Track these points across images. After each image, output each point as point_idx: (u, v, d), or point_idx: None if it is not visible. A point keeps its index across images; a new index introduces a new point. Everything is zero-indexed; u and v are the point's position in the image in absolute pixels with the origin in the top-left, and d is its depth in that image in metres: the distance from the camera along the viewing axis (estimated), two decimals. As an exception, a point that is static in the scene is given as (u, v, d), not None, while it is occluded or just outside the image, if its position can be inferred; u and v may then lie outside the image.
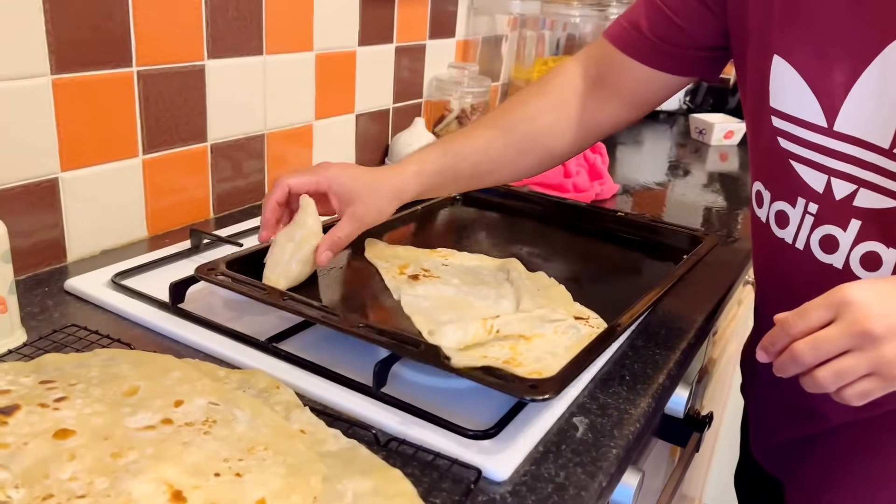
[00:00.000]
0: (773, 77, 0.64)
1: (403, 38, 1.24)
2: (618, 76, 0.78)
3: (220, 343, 0.66)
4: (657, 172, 1.40)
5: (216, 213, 0.98)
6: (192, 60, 0.88)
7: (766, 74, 0.64)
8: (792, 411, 0.75)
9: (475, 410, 0.59)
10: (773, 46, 0.63)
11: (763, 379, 0.80)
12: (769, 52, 0.64)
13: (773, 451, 0.82)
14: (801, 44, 0.61)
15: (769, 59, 0.64)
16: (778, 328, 0.53)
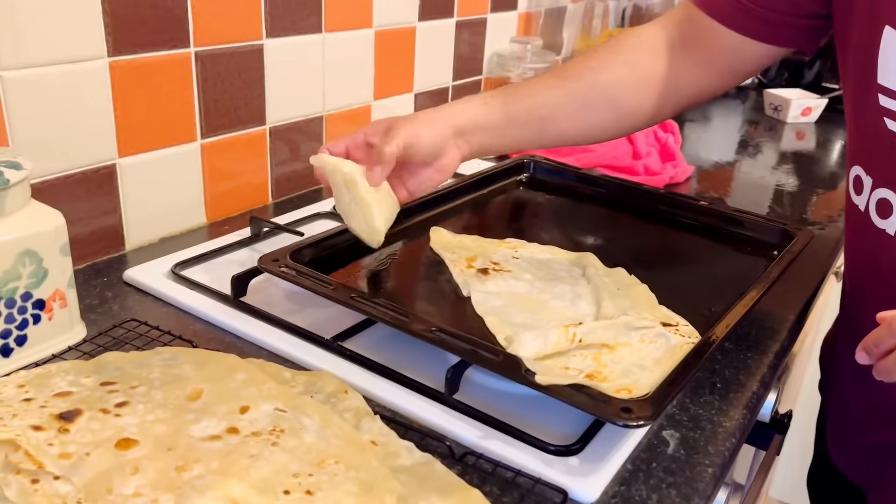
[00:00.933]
0: (882, 51, 0.56)
1: (464, 12, 1.19)
2: (704, 42, 0.70)
3: (284, 340, 0.63)
4: (728, 151, 1.32)
5: (275, 198, 0.95)
6: (250, 40, 0.85)
7: (875, 47, 0.57)
8: (879, 413, 0.68)
9: (555, 421, 0.55)
10: (884, 17, 0.56)
11: (847, 376, 0.73)
12: (880, 23, 0.56)
13: (854, 456, 0.75)
14: None
15: (879, 30, 0.56)
16: (885, 328, 0.48)
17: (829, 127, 1.49)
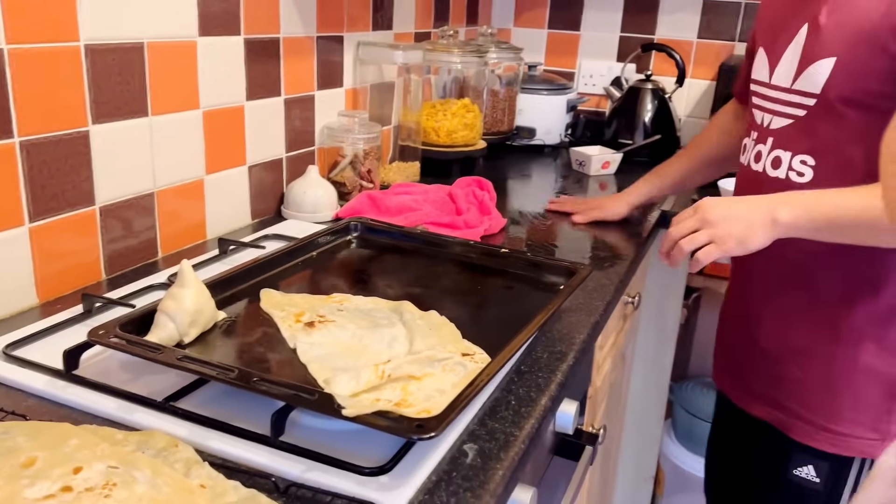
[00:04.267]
0: (755, 60, 1.05)
1: (292, 91, 1.29)
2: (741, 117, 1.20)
3: (118, 406, 0.67)
4: (544, 203, 1.49)
5: (108, 274, 0.98)
6: (75, 127, 0.89)
7: (753, 61, 1.07)
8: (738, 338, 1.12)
9: (372, 448, 0.63)
10: (758, 43, 1.05)
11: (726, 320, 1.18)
12: (757, 48, 1.05)
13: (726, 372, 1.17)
14: (765, 35, 1.03)
15: (756, 51, 1.05)
16: (666, 237, 0.97)
17: (626, 177, 1.72)
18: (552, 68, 2.14)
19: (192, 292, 0.75)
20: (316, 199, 1.26)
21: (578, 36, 2.10)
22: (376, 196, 1.31)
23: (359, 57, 1.47)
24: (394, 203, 1.30)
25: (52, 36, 0.85)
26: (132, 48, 0.96)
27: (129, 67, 0.95)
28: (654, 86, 1.87)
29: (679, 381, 1.93)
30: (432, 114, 1.64)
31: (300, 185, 1.26)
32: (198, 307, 0.75)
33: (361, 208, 1.28)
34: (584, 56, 2.11)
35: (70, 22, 0.87)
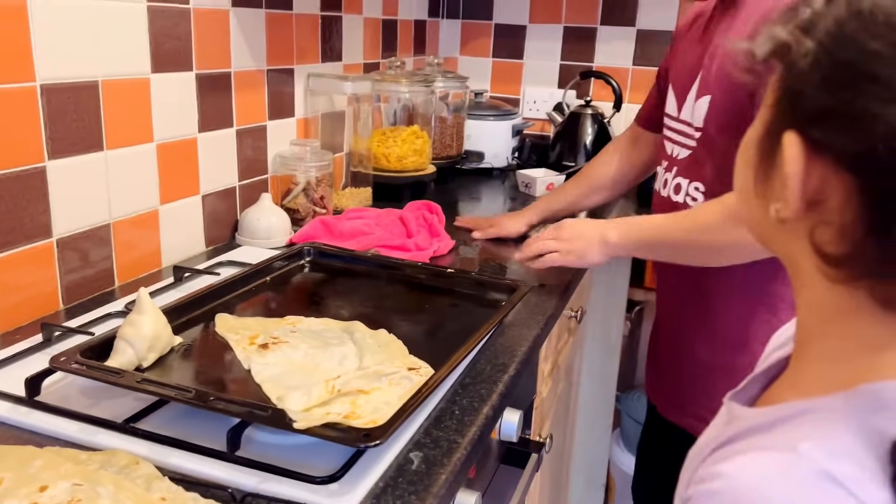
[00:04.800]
0: (668, 95, 1.15)
1: (243, 122, 1.33)
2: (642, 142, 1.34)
3: (80, 429, 0.71)
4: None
5: (66, 304, 1.01)
6: (32, 163, 0.93)
7: (658, 92, 1.24)
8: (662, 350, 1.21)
9: (324, 460, 0.68)
10: (670, 79, 1.16)
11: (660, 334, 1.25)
12: (668, 83, 1.16)
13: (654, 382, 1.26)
14: (674, 72, 1.14)
15: (668, 90, 1.15)
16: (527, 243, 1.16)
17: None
18: (498, 95, 2.23)
19: (150, 319, 0.79)
20: (270, 226, 1.30)
21: (522, 64, 2.19)
22: (329, 221, 1.36)
23: (309, 88, 1.52)
24: (346, 228, 1.35)
25: (8, 77, 0.88)
26: (87, 86, 0.99)
27: (84, 105, 0.99)
28: (593, 111, 1.96)
29: (626, 392, 2.01)
30: (383, 140, 1.70)
31: (254, 213, 1.31)
32: (155, 333, 0.79)
33: (315, 233, 1.33)
34: (528, 83, 2.20)
35: (26, 63, 0.90)
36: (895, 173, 0.38)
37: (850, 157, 0.40)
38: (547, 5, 2.13)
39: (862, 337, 0.42)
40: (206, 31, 1.20)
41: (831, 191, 0.41)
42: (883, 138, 0.37)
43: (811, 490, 0.38)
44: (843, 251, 0.41)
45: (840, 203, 0.40)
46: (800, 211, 0.42)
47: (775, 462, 0.40)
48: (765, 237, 0.50)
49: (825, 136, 0.40)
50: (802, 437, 0.40)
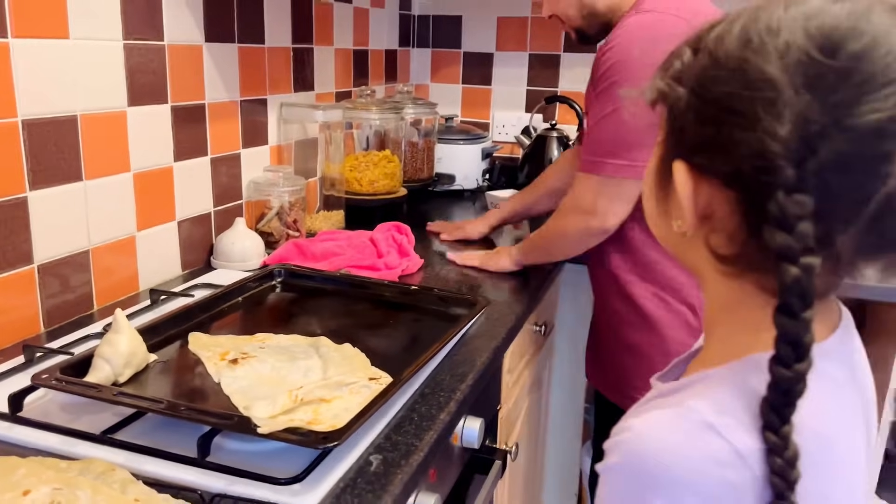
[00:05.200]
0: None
1: (218, 150, 1.39)
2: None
3: (61, 441, 0.76)
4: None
5: (47, 327, 1.06)
6: (14, 194, 0.98)
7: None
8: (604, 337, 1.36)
9: (288, 464, 0.73)
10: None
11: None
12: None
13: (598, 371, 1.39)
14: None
15: None
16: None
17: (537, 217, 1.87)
18: (468, 119, 2.31)
19: (126, 337, 0.84)
20: (244, 249, 1.36)
21: (490, 90, 2.28)
22: (302, 244, 1.42)
23: (282, 117, 1.59)
24: (319, 249, 1.41)
25: (-9, 113, 0.94)
26: (66, 120, 1.05)
27: (64, 138, 1.05)
28: (558, 133, 2.05)
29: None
30: (355, 165, 1.77)
31: (228, 237, 1.36)
32: (131, 350, 0.84)
33: (288, 255, 1.38)
34: (497, 108, 2.29)
35: (8, 100, 0.96)
36: (759, 186, 0.45)
37: (726, 176, 0.48)
38: (513, 34, 2.23)
39: (749, 320, 0.51)
40: (180, 65, 1.26)
41: (717, 205, 0.50)
42: (746, 159, 0.45)
43: (694, 436, 0.47)
44: (732, 252, 0.50)
45: (725, 214, 0.49)
46: (695, 224, 0.51)
47: (669, 415, 0.49)
48: (674, 249, 0.59)
49: (704, 161, 0.49)
50: (693, 396, 0.49)
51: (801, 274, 0.44)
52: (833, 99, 0.43)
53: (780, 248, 0.44)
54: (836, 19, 0.44)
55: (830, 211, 0.44)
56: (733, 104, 0.46)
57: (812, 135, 0.43)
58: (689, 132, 0.49)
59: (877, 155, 0.43)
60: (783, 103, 0.43)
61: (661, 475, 0.47)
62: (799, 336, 0.44)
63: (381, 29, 2.09)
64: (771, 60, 0.44)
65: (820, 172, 0.44)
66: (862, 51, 0.43)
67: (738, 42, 0.46)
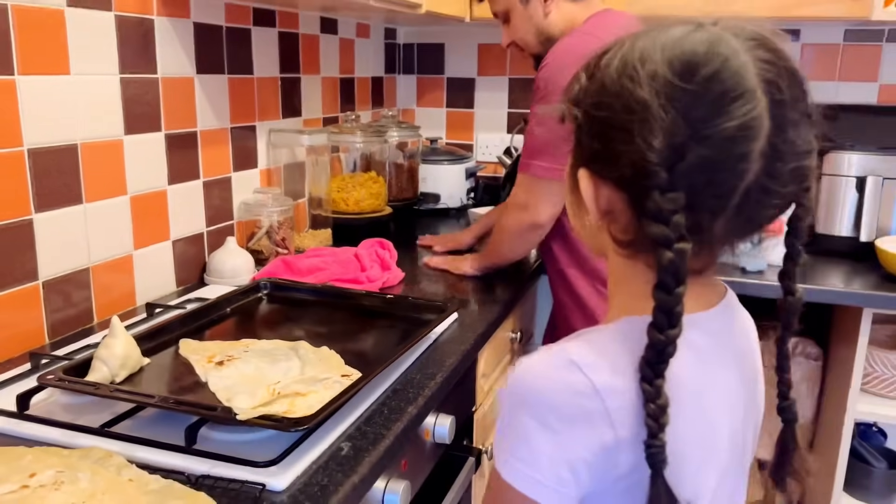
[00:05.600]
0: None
1: (210, 174, 1.49)
2: None
3: (63, 434, 0.84)
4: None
5: (51, 339, 1.15)
6: (21, 216, 1.08)
7: None
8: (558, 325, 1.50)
9: (268, 450, 0.81)
10: None
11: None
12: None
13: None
14: None
15: None
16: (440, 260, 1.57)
17: (517, 231, 1.97)
18: (453, 141, 2.41)
19: (121, 341, 0.93)
20: (235, 266, 1.45)
21: (473, 113, 2.39)
22: (290, 260, 1.51)
23: (271, 142, 1.69)
24: (305, 265, 1.50)
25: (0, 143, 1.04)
26: (68, 149, 1.15)
27: (66, 164, 1.15)
28: (537, 152, 2.15)
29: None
30: (342, 186, 1.87)
31: (220, 255, 1.46)
32: (126, 353, 0.93)
33: (276, 271, 1.47)
34: (480, 129, 2.39)
35: (15, 131, 1.06)
36: (640, 188, 0.55)
37: (616, 180, 0.57)
38: (493, 60, 2.34)
39: (637, 291, 0.61)
40: (173, 96, 1.36)
41: (614, 203, 0.60)
42: (629, 167, 0.55)
43: (560, 369, 0.57)
44: (627, 238, 0.61)
45: (621, 210, 0.60)
46: (598, 218, 0.62)
47: (544, 354, 0.60)
48: (586, 238, 0.70)
49: (600, 169, 0.59)
50: (571, 342, 0.60)
51: (674, 257, 0.53)
52: (693, 114, 0.52)
53: (657, 237, 0.54)
54: (692, 47, 0.54)
55: (701, 204, 0.54)
56: (616, 123, 0.55)
57: (679, 144, 0.53)
58: (586, 145, 0.60)
59: (733, 156, 0.53)
60: (654, 121, 0.53)
61: (530, 397, 0.58)
62: (672, 307, 0.54)
63: (367, 57, 2.20)
64: (643, 86, 0.54)
65: (688, 174, 0.53)
66: (713, 73, 0.52)
67: (618, 71, 0.56)
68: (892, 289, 1.62)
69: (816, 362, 1.92)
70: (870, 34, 2.05)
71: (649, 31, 0.57)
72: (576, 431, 0.56)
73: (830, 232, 1.86)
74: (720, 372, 0.62)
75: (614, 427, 0.55)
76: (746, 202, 0.54)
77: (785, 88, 0.54)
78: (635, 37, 0.57)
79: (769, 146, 0.53)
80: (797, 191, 0.57)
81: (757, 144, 0.52)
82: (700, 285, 0.62)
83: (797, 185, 0.56)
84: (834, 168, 1.84)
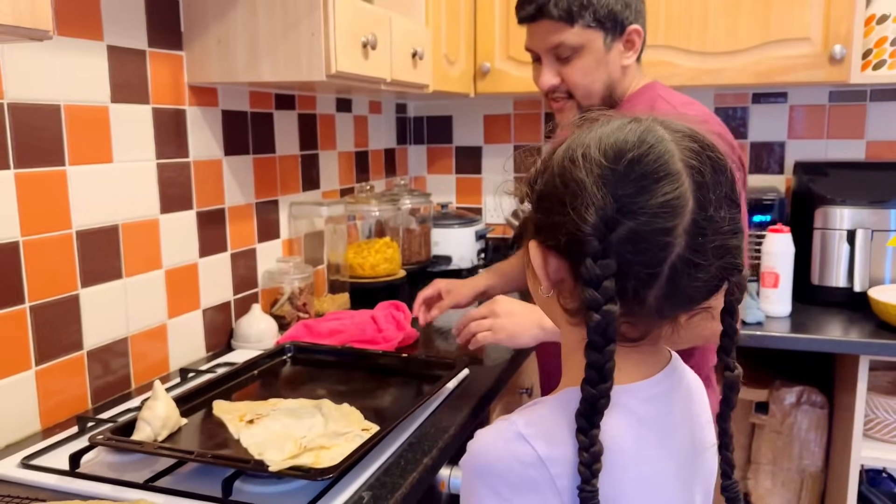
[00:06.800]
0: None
1: (236, 246, 1.61)
2: None
3: (112, 489, 0.93)
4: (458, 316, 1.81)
5: (94, 403, 1.24)
6: (69, 291, 1.19)
7: None
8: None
9: (298, 500, 0.90)
10: None
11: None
12: None
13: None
14: None
15: None
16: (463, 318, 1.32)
17: (527, 291, 2.06)
18: (463, 205, 2.54)
19: (163, 403, 1.02)
20: (260, 331, 1.55)
21: (481, 178, 2.52)
22: (310, 324, 1.61)
23: (292, 214, 1.82)
24: (325, 328, 1.60)
25: (53, 227, 1.16)
26: (110, 229, 1.28)
27: (108, 244, 1.27)
28: (542, 214, 2.26)
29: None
30: (358, 251, 1.98)
31: (246, 321, 1.56)
32: (167, 413, 1.02)
33: (298, 334, 1.57)
34: (487, 193, 2.52)
35: (65, 215, 1.19)
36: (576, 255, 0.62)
37: (557, 248, 0.65)
38: (498, 129, 2.49)
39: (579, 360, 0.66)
40: (203, 177, 1.50)
41: (561, 272, 0.66)
42: (566, 235, 0.62)
43: (508, 441, 0.64)
44: (574, 306, 0.66)
45: (565, 277, 0.66)
46: (549, 287, 0.68)
47: (496, 426, 0.66)
48: (543, 307, 0.75)
49: (544, 238, 0.66)
50: (519, 413, 0.66)
51: (601, 319, 0.60)
52: (621, 192, 0.60)
53: (588, 300, 0.60)
54: (624, 136, 0.62)
55: (630, 272, 0.60)
56: (556, 197, 0.63)
57: (609, 218, 0.60)
58: (536, 219, 0.67)
59: (657, 230, 0.60)
60: (588, 197, 0.60)
61: (483, 467, 0.64)
62: (602, 363, 0.60)
63: (380, 130, 2.35)
64: (580, 168, 0.62)
65: (618, 244, 0.60)
66: (638, 157, 0.61)
67: (562, 155, 0.65)
68: (887, 336, 1.68)
69: (822, 410, 1.97)
70: (853, 94, 2.17)
71: (593, 125, 0.66)
72: (525, 499, 0.62)
73: (827, 283, 1.93)
74: (663, 437, 0.68)
75: (560, 493, 0.61)
76: (675, 275, 0.60)
77: (708, 174, 0.61)
78: (582, 130, 0.66)
79: (692, 223, 0.60)
80: (725, 267, 0.62)
81: (681, 220, 0.60)
82: (639, 353, 0.67)
83: (722, 262, 0.62)
84: (826, 222, 1.93)
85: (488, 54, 2.13)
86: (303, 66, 1.36)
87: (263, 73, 1.39)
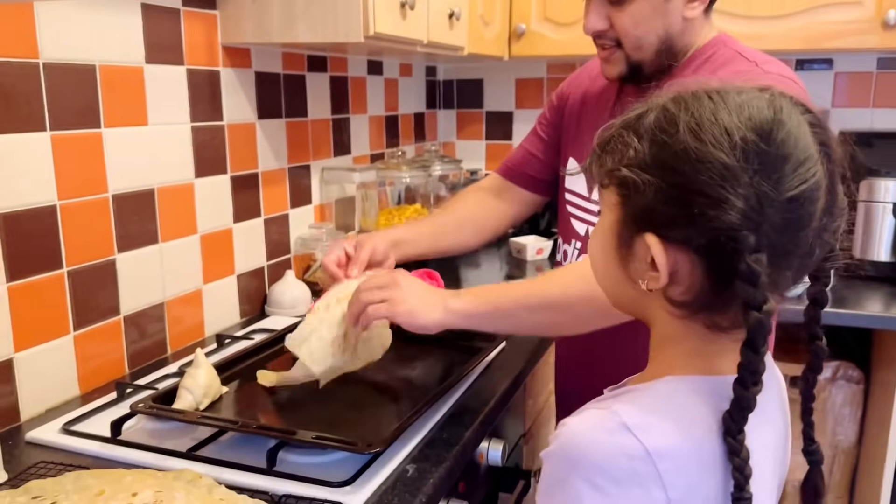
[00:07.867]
0: (569, 168, 1.22)
1: (270, 211, 1.59)
2: (507, 194, 1.34)
3: (155, 458, 0.92)
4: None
5: (130, 368, 1.24)
6: (105, 256, 1.18)
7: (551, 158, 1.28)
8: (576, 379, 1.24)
9: (341, 471, 0.88)
10: (569, 153, 1.22)
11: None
12: (567, 156, 1.22)
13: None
14: (580, 149, 1.19)
15: (567, 160, 1.22)
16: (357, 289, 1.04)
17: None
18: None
19: (204, 371, 1.01)
20: (293, 298, 1.54)
21: (511, 144, 2.47)
22: (343, 292, 1.59)
23: (324, 179, 1.79)
24: (358, 296, 1.58)
25: (90, 191, 1.15)
26: (146, 193, 1.26)
27: (145, 207, 1.25)
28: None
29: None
30: (389, 218, 1.95)
31: (279, 287, 1.54)
32: (209, 382, 1.01)
33: (331, 302, 1.55)
34: (518, 160, 2.47)
35: (101, 179, 1.17)
36: (726, 251, 0.56)
37: (692, 244, 0.57)
38: (529, 93, 2.42)
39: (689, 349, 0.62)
40: (237, 141, 1.47)
41: (682, 265, 0.59)
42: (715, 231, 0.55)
43: (610, 432, 0.58)
44: (687, 299, 0.60)
45: (688, 271, 0.59)
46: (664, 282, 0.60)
47: (594, 415, 0.60)
48: (625, 302, 0.68)
49: (675, 233, 0.58)
50: (620, 402, 0.61)
51: (763, 317, 0.55)
52: (774, 176, 0.55)
53: (748, 299, 0.55)
54: (761, 111, 0.56)
55: (779, 262, 0.56)
56: (698, 188, 0.55)
57: (762, 206, 0.55)
58: (661, 212, 0.58)
59: (804, 215, 0.56)
60: (739, 185, 0.54)
61: (583, 460, 0.58)
62: (757, 366, 0.56)
63: (410, 95, 2.30)
64: (724, 150, 0.55)
65: (770, 235, 0.55)
66: (785, 137, 0.55)
67: (691, 134, 0.56)
68: (933, 313, 1.64)
69: (858, 386, 1.94)
70: (903, 61, 2.09)
71: (698, 94, 0.59)
72: (628, 493, 0.57)
73: (869, 257, 1.88)
74: (765, 428, 0.65)
75: (665, 489, 0.57)
76: (808, 254, 0.57)
77: (832, 150, 0.57)
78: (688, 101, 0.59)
79: (826, 204, 0.57)
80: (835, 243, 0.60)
81: (820, 203, 0.56)
82: (734, 342, 0.60)
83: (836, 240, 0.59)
84: (870, 194, 1.87)
85: (524, 15, 2.06)
86: (340, 27, 1.31)
87: (299, 34, 1.35)
